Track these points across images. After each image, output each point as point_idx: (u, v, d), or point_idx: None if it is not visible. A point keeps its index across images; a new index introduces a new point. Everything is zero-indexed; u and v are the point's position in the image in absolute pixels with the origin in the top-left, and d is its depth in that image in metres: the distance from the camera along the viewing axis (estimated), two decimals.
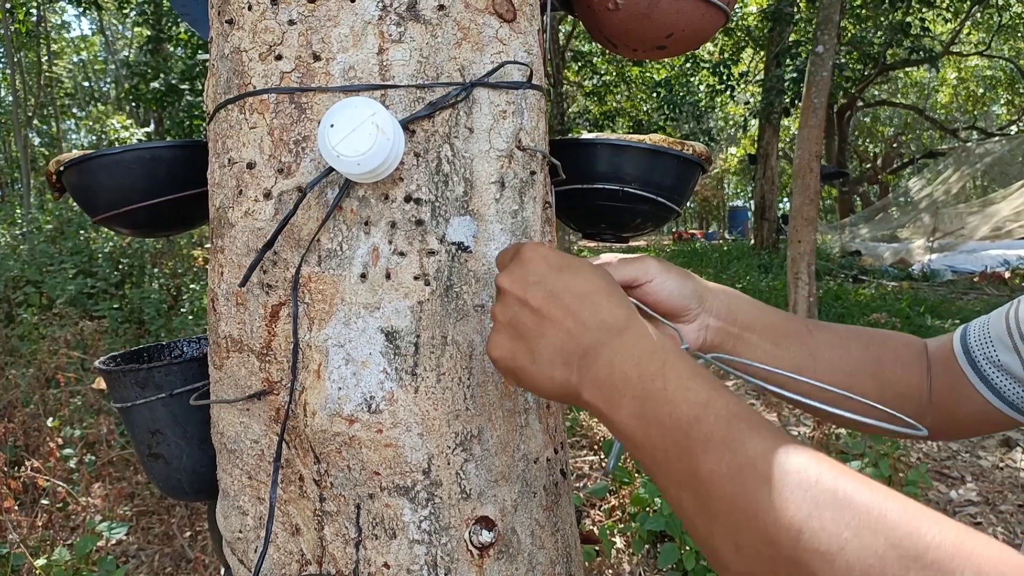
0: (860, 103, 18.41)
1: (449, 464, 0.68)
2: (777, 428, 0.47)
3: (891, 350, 0.77)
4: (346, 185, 0.68)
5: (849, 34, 13.09)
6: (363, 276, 0.68)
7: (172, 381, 0.87)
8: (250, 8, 0.70)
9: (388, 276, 0.68)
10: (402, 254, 0.68)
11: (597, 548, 2.61)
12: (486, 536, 0.67)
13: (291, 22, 0.69)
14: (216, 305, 0.74)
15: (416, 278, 0.68)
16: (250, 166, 0.70)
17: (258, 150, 0.70)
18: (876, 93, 21.02)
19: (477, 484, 0.68)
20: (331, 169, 0.66)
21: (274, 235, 0.67)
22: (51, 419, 3.56)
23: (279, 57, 0.69)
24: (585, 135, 0.91)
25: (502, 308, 0.59)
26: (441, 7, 0.69)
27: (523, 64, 0.73)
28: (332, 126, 0.63)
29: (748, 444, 0.45)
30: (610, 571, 2.73)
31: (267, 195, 0.70)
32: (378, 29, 0.68)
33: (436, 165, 0.69)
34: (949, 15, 14.79)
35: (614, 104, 14.94)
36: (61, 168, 0.88)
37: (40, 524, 3.01)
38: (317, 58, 0.69)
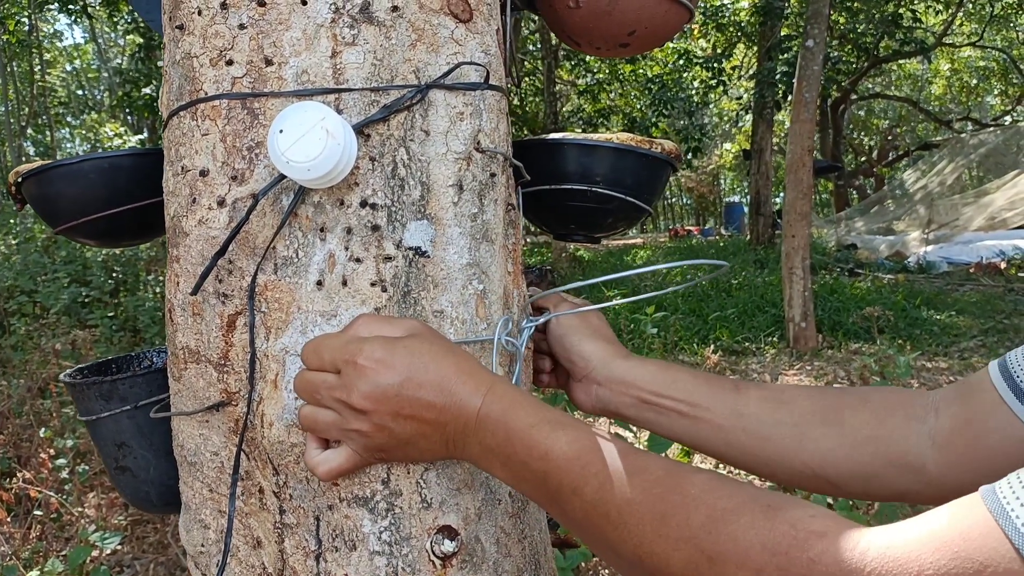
0: (854, 96, 18.41)
1: (409, 473, 0.67)
2: (609, 449, 0.54)
3: (856, 397, 0.70)
4: (300, 191, 0.66)
5: (841, 27, 13.08)
6: (319, 283, 0.67)
7: (137, 393, 0.86)
8: (200, 13, 0.69)
9: (345, 283, 0.67)
10: (358, 260, 0.67)
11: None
12: (448, 546, 0.66)
13: (241, 26, 0.68)
14: (173, 316, 0.73)
15: (373, 284, 0.67)
16: (203, 173, 0.69)
17: (211, 157, 0.69)
18: (870, 86, 21.01)
19: (438, 492, 0.67)
20: (283, 175, 0.65)
21: (226, 242, 0.66)
22: (43, 429, 3.55)
23: (230, 62, 0.68)
24: (552, 135, 0.90)
25: (371, 426, 0.60)
26: (395, 8, 0.68)
27: (480, 65, 0.71)
28: (281, 131, 0.62)
29: (586, 488, 0.53)
30: (606, 571, 2.72)
31: (221, 203, 0.69)
32: (331, 32, 0.67)
33: (392, 169, 0.68)
34: (940, 6, 14.77)
35: (607, 102, 14.93)
36: (20, 179, 0.87)
37: (33, 536, 2.99)
38: (269, 62, 0.67)
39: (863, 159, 22.70)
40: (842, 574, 0.40)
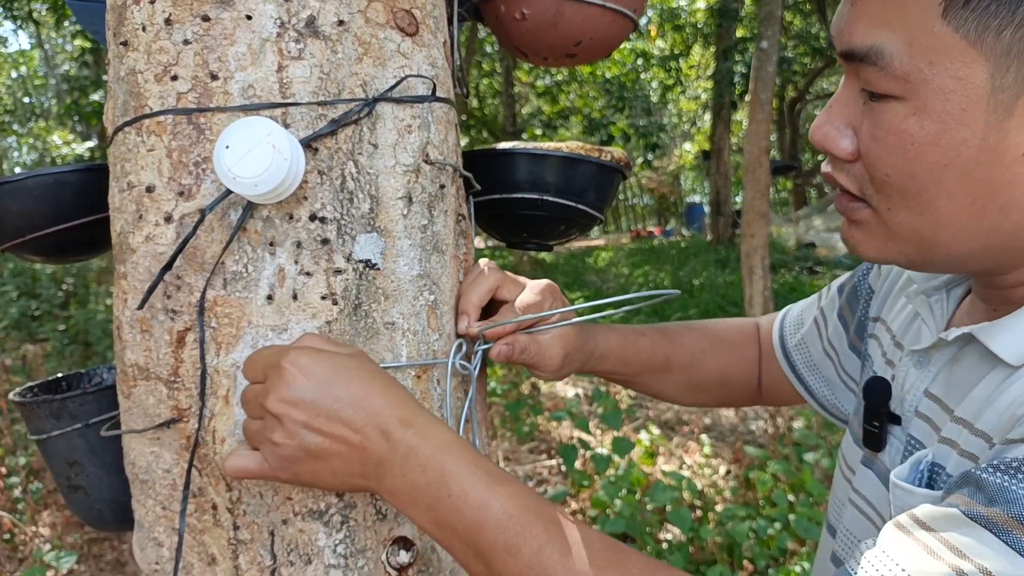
0: (810, 95, 18.76)
1: None
2: (549, 512, 0.54)
3: (736, 356, 0.96)
4: (249, 206, 0.66)
5: (795, 28, 13.34)
6: (270, 298, 0.67)
7: (87, 411, 0.85)
8: (144, 29, 0.69)
9: (295, 297, 0.67)
10: (308, 274, 0.67)
11: None
12: (404, 556, 0.67)
13: (186, 42, 0.67)
14: (121, 333, 0.72)
15: (324, 298, 0.67)
16: (149, 190, 0.69)
17: (157, 173, 0.68)
18: (825, 86, 21.43)
19: None
20: (231, 191, 0.64)
21: (172, 257, 0.66)
22: None
23: (175, 77, 0.68)
24: (502, 144, 0.91)
25: (282, 433, 0.57)
26: (341, 22, 0.69)
27: (427, 77, 0.72)
28: (227, 147, 0.62)
29: (524, 549, 0.52)
30: None
31: (168, 219, 0.68)
32: (276, 46, 0.67)
33: (340, 183, 0.68)
34: None
35: (567, 103, 15.01)
36: None
37: None
38: (215, 77, 0.67)
39: (820, 157, 23.14)
40: None
